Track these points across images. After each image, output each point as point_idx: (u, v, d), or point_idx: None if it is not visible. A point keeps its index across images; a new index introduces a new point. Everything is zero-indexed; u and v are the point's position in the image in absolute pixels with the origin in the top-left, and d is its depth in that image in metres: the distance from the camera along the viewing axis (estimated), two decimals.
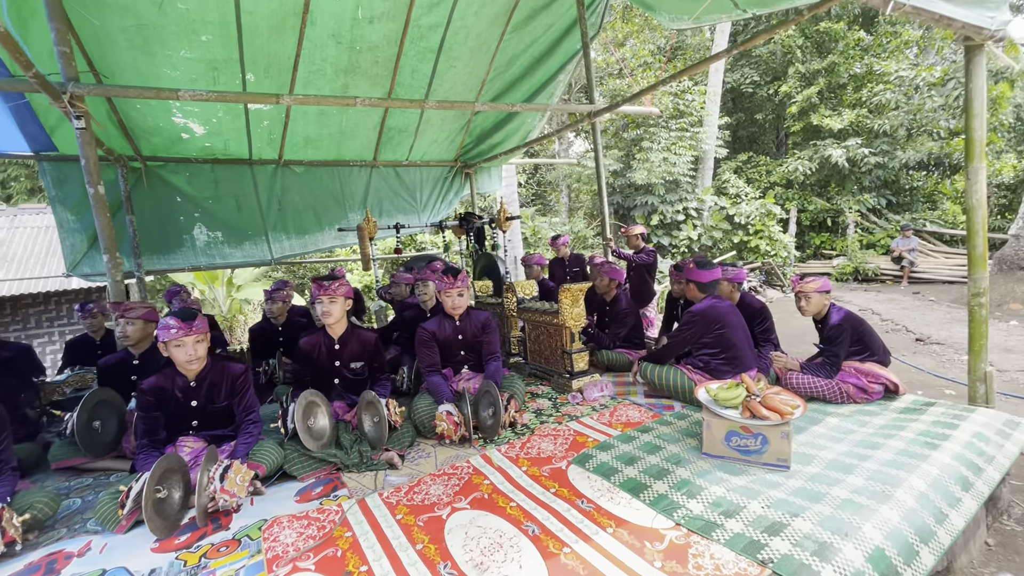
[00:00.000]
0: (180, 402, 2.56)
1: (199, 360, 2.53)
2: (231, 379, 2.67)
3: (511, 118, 6.96)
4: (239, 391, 2.69)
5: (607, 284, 4.39)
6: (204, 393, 2.62)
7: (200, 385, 2.61)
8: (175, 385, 2.57)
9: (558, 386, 3.82)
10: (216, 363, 2.68)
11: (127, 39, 4.10)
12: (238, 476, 2.32)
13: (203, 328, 2.53)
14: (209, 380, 2.63)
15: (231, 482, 2.29)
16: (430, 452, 2.84)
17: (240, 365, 2.73)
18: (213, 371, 2.64)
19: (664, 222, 13.29)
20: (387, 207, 7.36)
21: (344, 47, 4.97)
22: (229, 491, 2.25)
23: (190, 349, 2.47)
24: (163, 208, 5.78)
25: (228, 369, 2.68)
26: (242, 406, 2.70)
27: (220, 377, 2.65)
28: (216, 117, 5.25)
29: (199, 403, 2.59)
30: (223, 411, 2.67)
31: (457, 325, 3.31)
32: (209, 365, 2.64)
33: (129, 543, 2.13)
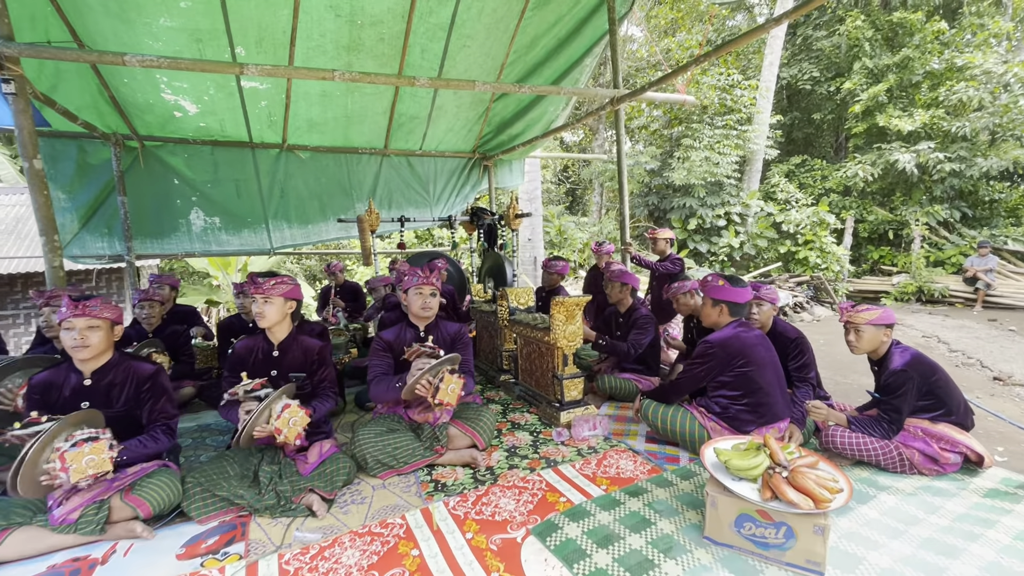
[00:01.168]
0: (67, 403, 2.16)
1: (91, 351, 2.12)
2: (136, 381, 2.26)
3: (533, 106, 6.38)
4: (146, 397, 2.27)
5: (619, 291, 3.74)
6: (101, 394, 2.21)
7: (96, 385, 2.20)
8: (66, 382, 2.18)
9: (545, 416, 3.24)
10: (123, 361, 2.28)
11: (102, 4, 3.78)
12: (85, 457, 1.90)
13: (100, 313, 2.12)
14: (109, 380, 2.22)
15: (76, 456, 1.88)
16: (367, 496, 2.33)
17: (150, 366, 2.31)
18: (116, 370, 2.24)
19: (703, 227, 12.35)
20: (397, 199, 6.93)
21: (344, 20, 4.52)
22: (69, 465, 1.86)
23: (76, 334, 2.08)
24: (159, 190, 5.54)
25: (135, 369, 2.27)
26: (152, 414, 2.28)
27: (124, 377, 2.25)
28: (208, 95, 4.92)
29: (91, 406, 2.17)
30: (122, 418, 2.24)
31: (422, 336, 2.78)
32: (114, 362, 2.24)
33: None
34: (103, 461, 1.93)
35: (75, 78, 4.41)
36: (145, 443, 2.21)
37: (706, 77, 12.02)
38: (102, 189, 5.25)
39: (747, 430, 2.46)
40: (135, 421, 2.29)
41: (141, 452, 2.18)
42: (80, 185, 5.18)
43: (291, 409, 2.25)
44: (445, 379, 2.48)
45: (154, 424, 2.29)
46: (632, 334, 3.58)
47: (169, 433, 2.32)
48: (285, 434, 2.21)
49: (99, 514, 1.98)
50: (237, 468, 2.32)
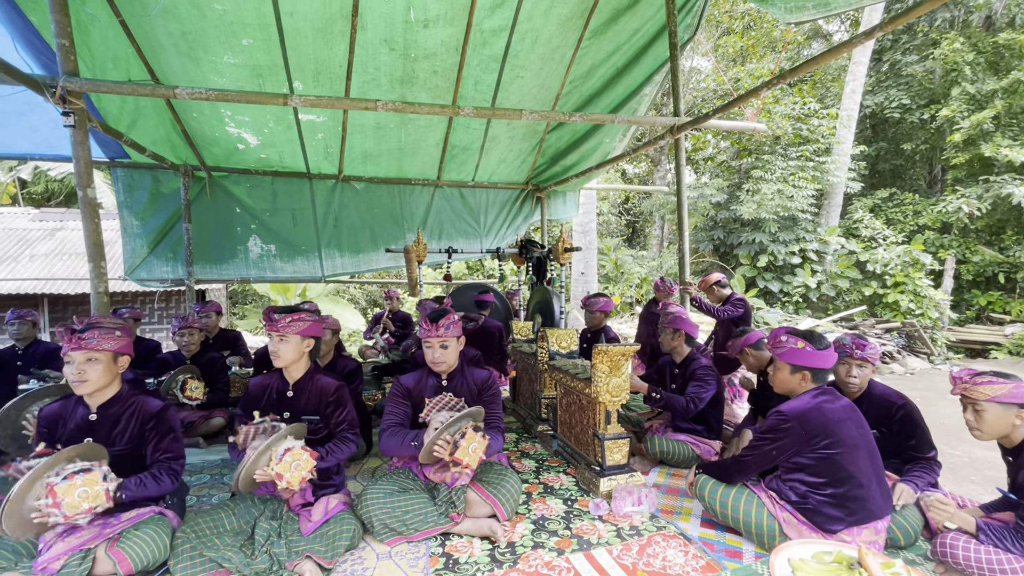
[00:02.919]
0: (72, 437, 2.06)
1: (90, 386, 2.02)
2: (142, 417, 2.14)
3: (588, 136, 6.15)
4: (151, 435, 2.15)
5: (672, 338, 3.30)
6: (105, 430, 2.10)
7: (102, 419, 2.10)
8: (72, 416, 2.09)
9: (583, 481, 2.84)
10: (131, 395, 2.17)
11: (173, 44, 3.99)
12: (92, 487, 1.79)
13: (99, 345, 2.01)
14: (114, 414, 2.12)
15: None
16: (369, 567, 2.05)
17: (157, 402, 2.19)
18: (123, 404, 2.14)
19: (775, 264, 11.45)
20: (448, 230, 6.88)
21: (398, 54, 4.53)
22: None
23: (75, 368, 1.99)
24: (221, 218, 5.78)
25: (142, 405, 2.16)
26: (156, 452, 2.15)
27: (130, 413, 2.14)
28: (267, 128, 5.10)
29: (95, 442, 2.06)
30: (127, 456, 2.12)
31: (443, 385, 2.51)
32: (121, 396, 2.14)
33: None
34: (97, 494, 1.80)
35: (152, 114, 4.70)
36: (146, 482, 2.05)
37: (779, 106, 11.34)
38: (170, 217, 5.53)
39: (833, 529, 1.96)
40: (140, 459, 2.17)
41: (141, 492, 2.03)
42: (151, 212, 5.49)
43: (294, 452, 2.03)
44: (467, 436, 2.19)
45: (158, 464, 2.16)
46: (691, 387, 3.11)
47: (173, 475, 2.16)
48: (287, 479, 1.99)
49: (82, 565, 1.84)
50: (235, 521, 2.12)
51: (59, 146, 4.75)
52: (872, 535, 1.98)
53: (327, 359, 3.30)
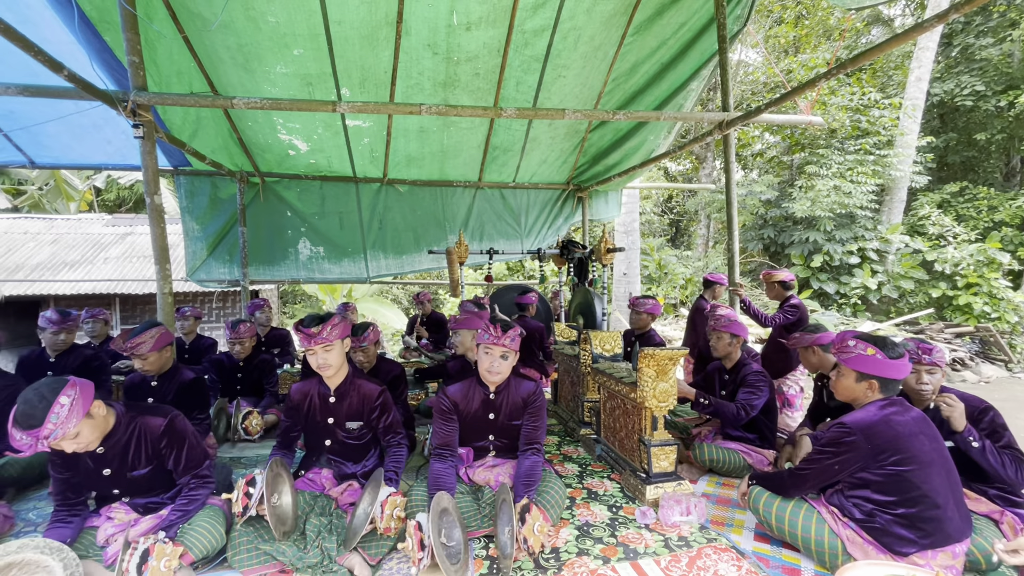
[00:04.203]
0: (90, 470, 2.04)
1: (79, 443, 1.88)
2: (152, 439, 2.07)
3: (631, 135, 6.03)
4: (167, 451, 2.11)
5: (727, 344, 3.16)
6: (118, 458, 2.05)
7: (108, 451, 2.03)
8: (84, 457, 2.03)
9: (628, 487, 2.77)
10: (131, 421, 2.06)
11: (231, 57, 4.18)
12: (161, 562, 1.81)
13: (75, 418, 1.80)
14: (119, 441, 2.03)
15: (153, 571, 1.78)
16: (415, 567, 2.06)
17: (160, 419, 2.09)
18: (125, 432, 2.05)
19: (830, 264, 10.87)
20: (489, 231, 6.91)
21: (440, 58, 4.59)
22: None
23: None
24: (274, 222, 6.03)
25: (146, 426, 2.07)
26: (179, 464, 2.11)
27: (137, 436, 2.07)
28: (317, 134, 5.27)
29: (111, 472, 2.06)
30: (149, 477, 2.12)
31: (490, 398, 2.48)
32: (123, 422, 2.04)
33: None
34: (172, 554, 1.87)
35: (211, 124, 4.95)
36: (187, 509, 2.07)
37: (835, 98, 10.75)
38: (227, 221, 5.82)
39: (904, 551, 1.82)
40: (165, 474, 2.15)
41: (188, 518, 2.06)
42: (211, 217, 5.79)
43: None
44: (530, 516, 2.03)
45: (186, 479, 2.14)
46: (742, 394, 2.98)
47: (205, 482, 2.16)
48: (393, 528, 2.07)
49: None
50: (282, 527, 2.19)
51: (129, 156, 5.09)
52: (949, 559, 1.82)
53: (370, 365, 3.35)
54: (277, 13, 3.82)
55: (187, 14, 3.74)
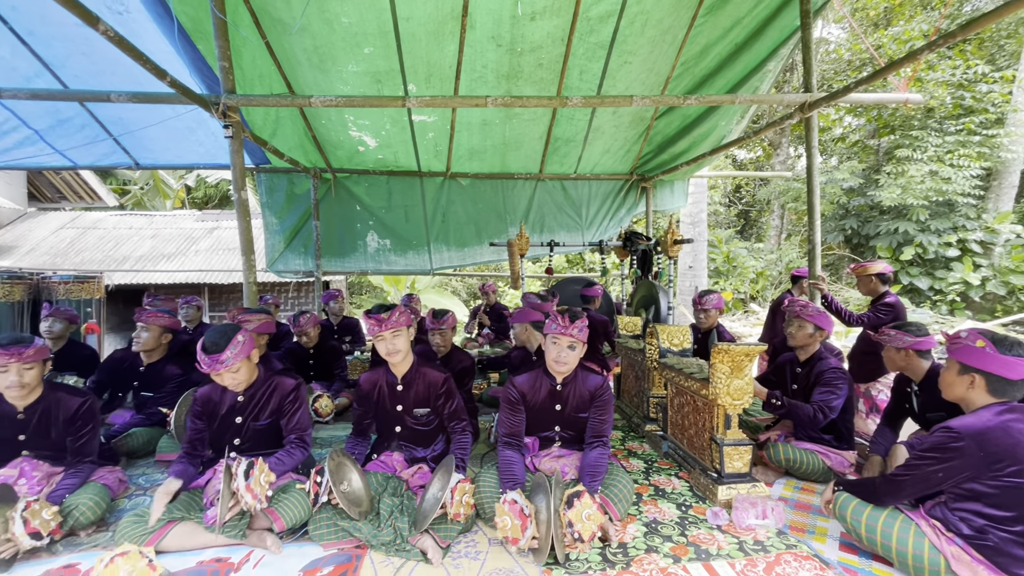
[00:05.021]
0: (224, 418, 2.42)
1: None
2: (281, 395, 2.44)
3: (701, 121, 5.77)
4: (287, 409, 2.45)
5: (807, 334, 2.93)
6: (250, 408, 2.42)
7: (247, 400, 2.41)
8: (222, 400, 2.42)
9: (698, 487, 2.67)
10: (269, 378, 2.46)
11: (307, 59, 4.40)
12: (261, 476, 2.08)
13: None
14: (256, 394, 2.42)
15: (255, 482, 2.05)
16: (482, 551, 2.11)
17: (291, 380, 2.46)
18: (263, 387, 2.46)
19: (923, 257, 9.92)
20: (549, 223, 6.88)
21: (504, 50, 4.59)
22: (253, 491, 2.03)
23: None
24: (344, 215, 6.32)
25: (279, 384, 2.46)
26: (290, 426, 2.44)
27: (270, 392, 2.45)
28: (384, 130, 5.44)
29: (242, 420, 2.41)
30: (268, 428, 2.48)
31: (557, 390, 2.46)
32: (261, 379, 2.44)
33: None
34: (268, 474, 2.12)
35: (288, 123, 5.25)
36: (284, 460, 2.33)
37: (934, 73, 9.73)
38: (302, 215, 6.17)
39: (1021, 574, 1.63)
40: (278, 431, 2.47)
41: (282, 469, 2.31)
42: (288, 211, 6.16)
43: (461, 488, 2.14)
44: (578, 504, 2.01)
45: (291, 439, 2.43)
46: (818, 393, 2.78)
47: (304, 446, 2.43)
48: (462, 514, 2.12)
49: (242, 520, 2.11)
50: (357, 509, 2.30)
51: (218, 156, 5.50)
52: None
53: (446, 350, 3.44)
54: (350, 13, 3.96)
55: (269, 20, 3.97)
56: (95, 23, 2.37)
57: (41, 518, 2.01)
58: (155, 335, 3.26)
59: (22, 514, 1.98)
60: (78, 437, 2.38)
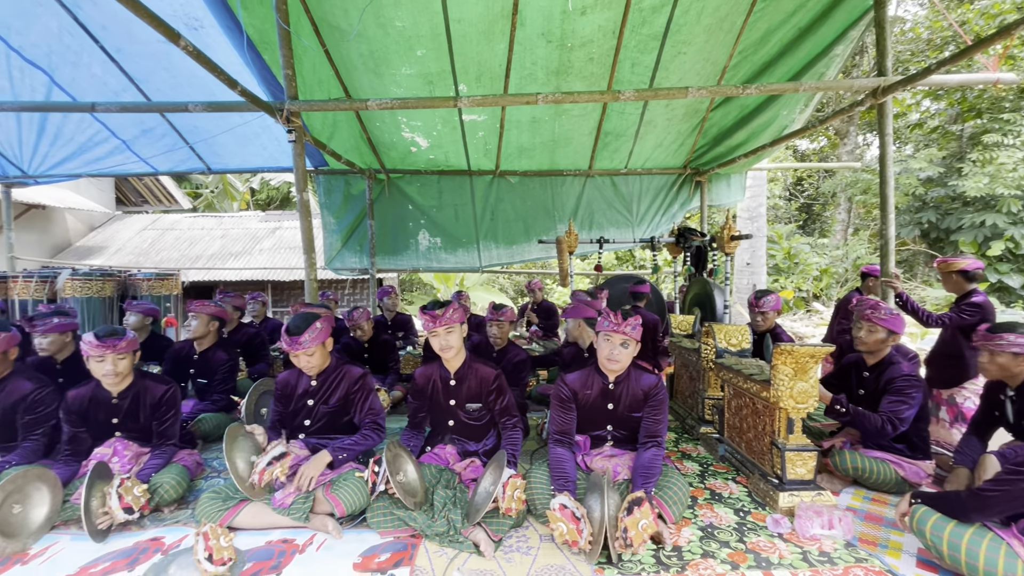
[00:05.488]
0: (299, 399, 2.60)
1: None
2: (349, 382, 2.59)
3: (760, 111, 5.51)
4: (356, 397, 2.59)
5: (879, 339, 2.72)
6: (323, 394, 2.57)
7: (320, 385, 2.57)
8: (299, 383, 2.59)
9: (757, 492, 2.57)
10: (339, 366, 2.62)
11: (363, 63, 4.56)
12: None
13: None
14: (329, 381, 2.57)
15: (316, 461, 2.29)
16: (534, 547, 2.12)
17: (358, 368, 2.61)
18: (334, 374, 2.61)
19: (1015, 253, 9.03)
20: (599, 219, 6.79)
21: (554, 46, 4.57)
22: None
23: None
24: (397, 215, 6.51)
25: (348, 372, 2.61)
26: (362, 413, 2.59)
27: (340, 380, 2.60)
28: (436, 130, 5.55)
29: (314, 404, 2.57)
30: (339, 412, 2.62)
31: (610, 388, 2.44)
32: (331, 367, 2.59)
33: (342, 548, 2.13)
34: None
35: (345, 126, 5.46)
36: (360, 442, 2.48)
37: None
38: (358, 215, 6.41)
39: None
40: (348, 415, 2.61)
41: (356, 450, 2.46)
42: (344, 211, 6.41)
43: (512, 483, 2.15)
44: (634, 514, 1.94)
45: (364, 423, 2.56)
46: (887, 402, 2.58)
47: (378, 430, 2.56)
48: (514, 509, 2.15)
49: (306, 503, 2.23)
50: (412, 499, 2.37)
51: (280, 159, 5.80)
52: None
53: (503, 343, 3.49)
54: (403, 18, 4.07)
55: (328, 27, 4.14)
56: (176, 39, 2.56)
57: (132, 494, 2.21)
58: (203, 322, 3.52)
59: (117, 490, 2.18)
60: (162, 421, 2.59)
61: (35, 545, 2.15)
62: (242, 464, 2.32)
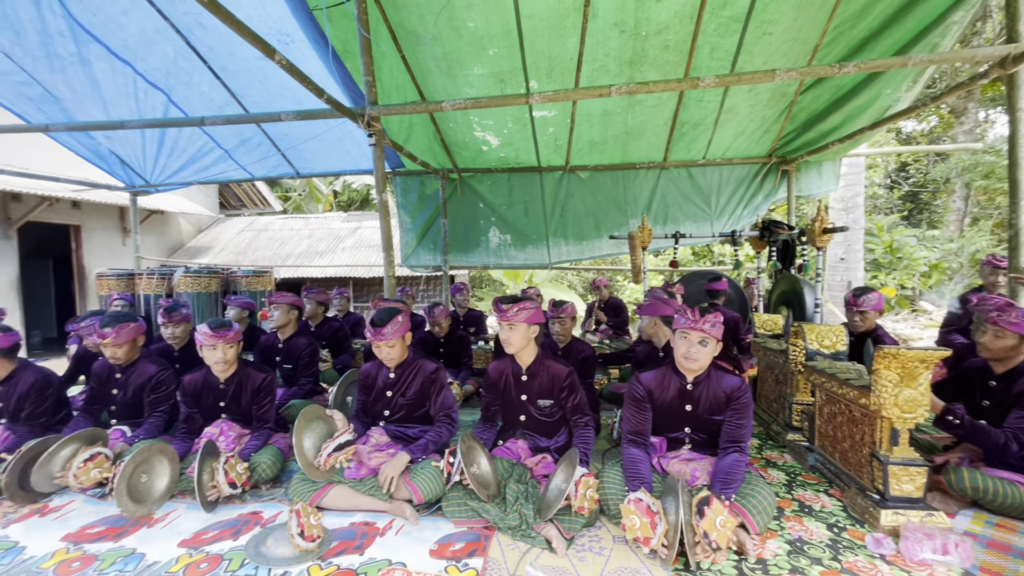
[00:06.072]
0: (379, 391, 2.73)
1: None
2: (424, 376, 2.68)
3: (859, 91, 5.02)
4: (431, 390, 2.68)
5: (1009, 346, 2.40)
6: (401, 385, 2.69)
7: (399, 377, 2.68)
8: (379, 375, 2.74)
9: (854, 507, 2.35)
10: (415, 360, 2.74)
11: (437, 66, 4.69)
12: None
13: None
14: (405, 371, 2.69)
15: None
16: (607, 548, 2.09)
17: (431, 363, 2.70)
18: (411, 367, 2.72)
19: None
20: (674, 213, 6.54)
21: (627, 35, 4.45)
22: None
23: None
24: (469, 213, 6.66)
25: (422, 366, 2.72)
26: (437, 406, 2.66)
27: (416, 373, 2.69)
28: (507, 128, 5.60)
29: (393, 395, 2.69)
30: (414, 405, 2.73)
31: (688, 389, 2.33)
32: (409, 360, 2.73)
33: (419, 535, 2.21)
34: None
35: (420, 129, 5.66)
36: (434, 440, 2.56)
37: None
38: (432, 214, 6.62)
39: None
40: (423, 408, 2.71)
41: (432, 448, 2.54)
42: (419, 211, 6.65)
43: (585, 482, 2.14)
44: (711, 511, 1.87)
45: (438, 417, 2.65)
46: (1016, 417, 2.26)
47: (451, 424, 2.64)
48: (586, 508, 2.12)
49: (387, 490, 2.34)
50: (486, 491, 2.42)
51: (361, 162, 6.11)
52: None
53: (566, 340, 3.47)
54: (476, 18, 4.13)
55: (404, 33, 4.30)
56: (272, 54, 2.77)
57: (236, 471, 2.44)
58: (284, 312, 3.85)
59: (223, 466, 2.42)
60: (261, 406, 2.84)
61: (158, 511, 2.44)
62: (309, 444, 2.45)
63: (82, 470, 2.40)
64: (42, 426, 2.93)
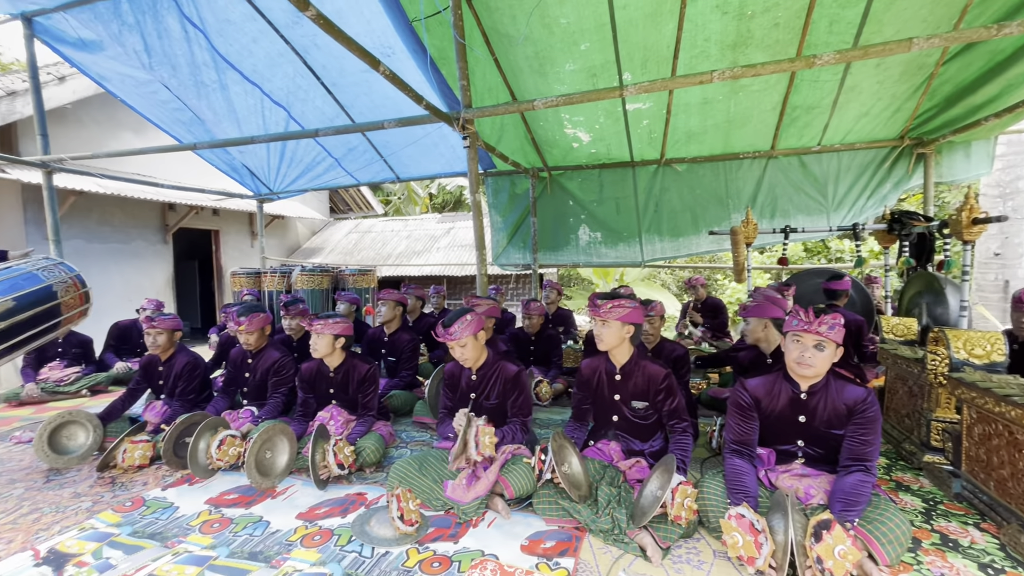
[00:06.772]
0: (463, 391, 2.80)
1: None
2: (504, 379, 2.73)
3: (1020, 57, 4.25)
4: (510, 391, 2.71)
5: None
6: (484, 387, 2.76)
7: (480, 379, 2.76)
8: (463, 375, 2.83)
9: (1015, 546, 1.98)
10: (496, 362, 2.78)
11: (528, 65, 4.72)
12: (486, 437, 2.41)
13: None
14: (486, 373, 2.77)
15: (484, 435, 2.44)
16: (706, 561, 1.96)
17: (514, 367, 2.73)
18: (491, 369, 2.78)
19: None
20: (783, 205, 6.01)
21: (731, 16, 4.17)
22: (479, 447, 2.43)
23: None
24: (558, 211, 6.63)
25: (504, 369, 2.75)
26: (514, 408, 2.69)
27: (497, 375, 2.75)
28: (598, 123, 5.49)
29: (476, 397, 2.75)
30: (497, 407, 2.75)
31: (801, 399, 2.11)
32: (490, 361, 2.77)
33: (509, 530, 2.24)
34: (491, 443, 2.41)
35: (511, 129, 5.74)
36: (512, 437, 2.59)
37: None
38: (522, 212, 6.69)
39: None
40: (504, 409, 2.73)
41: (506, 440, 2.57)
42: (510, 210, 6.75)
43: (682, 490, 2.04)
44: (829, 537, 1.68)
45: (514, 420, 2.67)
46: None
47: (525, 428, 2.66)
48: (684, 518, 2.03)
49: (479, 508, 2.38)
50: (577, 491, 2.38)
51: (455, 165, 6.34)
52: None
53: (655, 340, 3.34)
54: (568, 14, 4.10)
55: (497, 36, 4.38)
56: (377, 65, 2.96)
57: (344, 453, 2.64)
58: (390, 307, 4.12)
59: (333, 448, 2.63)
60: (365, 394, 3.05)
61: (279, 485, 2.71)
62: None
63: (220, 452, 2.74)
64: (190, 403, 3.41)
